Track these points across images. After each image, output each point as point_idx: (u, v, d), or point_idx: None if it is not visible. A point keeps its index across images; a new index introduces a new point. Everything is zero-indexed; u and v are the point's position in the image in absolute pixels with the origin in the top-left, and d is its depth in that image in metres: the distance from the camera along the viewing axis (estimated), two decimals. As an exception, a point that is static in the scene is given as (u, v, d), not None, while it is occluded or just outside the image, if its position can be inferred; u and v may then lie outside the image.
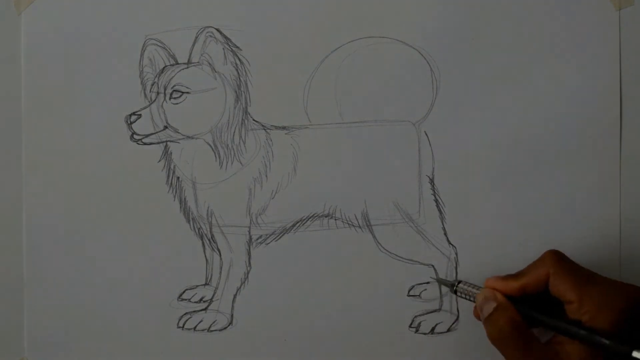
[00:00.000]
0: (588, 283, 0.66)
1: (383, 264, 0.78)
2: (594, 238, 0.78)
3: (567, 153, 0.78)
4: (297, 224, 0.78)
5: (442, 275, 0.78)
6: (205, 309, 0.78)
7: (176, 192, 0.77)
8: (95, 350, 0.78)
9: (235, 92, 0.77)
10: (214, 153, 0.77)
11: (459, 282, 0.74)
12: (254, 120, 0.77)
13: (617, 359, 0.63)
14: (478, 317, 0.71)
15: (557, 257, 0.68)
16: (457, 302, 0.78)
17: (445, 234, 0.78)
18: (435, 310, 0.78)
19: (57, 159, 0.77)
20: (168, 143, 0.77)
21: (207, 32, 0.76)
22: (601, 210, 0.78)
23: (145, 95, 0.77)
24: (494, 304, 0.69)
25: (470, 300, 0.73)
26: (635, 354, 0.62)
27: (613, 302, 0.64)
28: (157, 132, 0.77)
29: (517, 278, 0.70)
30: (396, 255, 0.78)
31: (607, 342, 0.62)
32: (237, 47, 0.77)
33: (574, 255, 0.76)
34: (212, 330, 0.78)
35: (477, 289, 0.72)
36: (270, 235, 0.78)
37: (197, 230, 0.78)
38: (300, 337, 0.78)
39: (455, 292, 0.74)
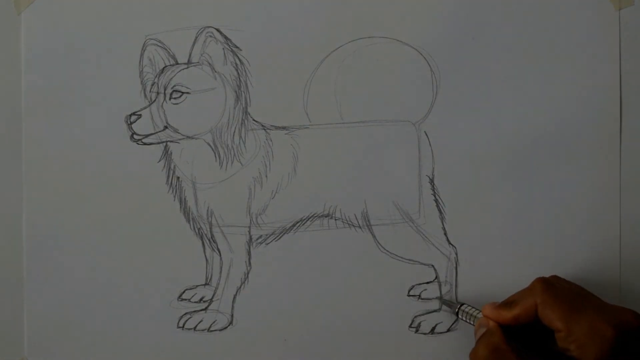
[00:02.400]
0: (576, 311, 0.66)
1: (383, 264, 0.78)
2: (594, 238, 0.78)
3: (567, 153, 0.78)
4: (297, 224, 0.78)
5: (442, 276, 0.78)
6: (205, 309, 0.78)
7: (176, 192, 0.77)
8: (95, 351, 0.78)
9: (235, 92, 0.77)
10: (214, 153, 0.77)
11: (462, 304, 0.75)
12: (254, 120, 0.77)
13: None
14: (476, 329, 0.73)
15: (545, 286, 0.69)
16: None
17: (445, 234, 0.78)
18: (435, 310, 0.78)
19: (57, 159, 0.77)
20: (168, 143, 0.77)
21: (207, 32, 0.76)
22: (601, 210, 0.78)
23: (145, 95, 0.77)
24: (484, 329, 0.70)
25: (470, 323, 0.74)
26: None
27: (601, 331, 0.64)
28: (157, 132, 0.77)
29: (509, 308, 0.70)
30: (396, 255, 0.78)
31: None
32: (237, 47, 0.77)
33: (574, 256, 0.76)
34: (212, 330, 0.78)
35: (478, 313, 0.73)
36: (270, 235, 0.78)
37: (197, 230, 0.78)
38: (300, 337, 0.78)
39: (457, 314, 0.75)
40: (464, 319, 0.75)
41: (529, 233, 0.78)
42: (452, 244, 0.78)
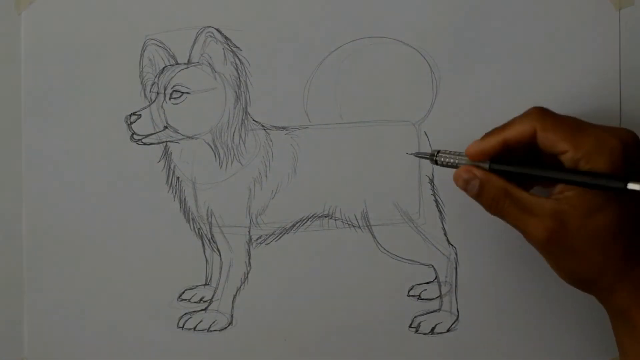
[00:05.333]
0: (579, 130, 0.64)
1: (383, 264, 0.78)
2: (594, 238, 0.78)
3: (567, 153, 0.78)
4: (297, 224, 0.78)
5: (442, 276, 0.78)
6: (205, 309, 0.78)
7: (176, 192, 0.77)
8: (95, 350, 0.78)
9: (235, 92, 0.77)
10: (214, 153, 0.77)
11: (438, 152, 0.70)
12: (254, 120, 0.77)
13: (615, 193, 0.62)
14: (463, 188, 0.69)
15: (543, 112, 0.66)
16: (456, 302, 0.78)
17: (445, 234, 0.78)
18: (435, 310, 0.78)
19: (57, 159, 0.77)
20: (168, 143, 0.77)
21: (207, 32, 0.76)
22: (601, 210, 0.78)
23: (145, 95, 0.77)
24: (477, 182, 0.67)
25: (454, 167, 0.69)
26: (630, 185, 0.60)
27: (607, 142, 0.63)
28: (157, 132, 0.77)
29: (496, 133, 0.67)
30: (396, 255, 0.78)
31: (603, 177, 0.62)
32: (237, 47, 0.77)
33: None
34: (212, 330, 0.78)
35: (458, 156, 0.69)
36: (270, 236, 0.78)
37: (197, 230, 0.78)
38: (300, 337, 0.78)
39: (435, 163, 0.71)
40: (445, 165, 0.70)
41: (529, 233, 0.78)
42: (452, 244, 0.78)
